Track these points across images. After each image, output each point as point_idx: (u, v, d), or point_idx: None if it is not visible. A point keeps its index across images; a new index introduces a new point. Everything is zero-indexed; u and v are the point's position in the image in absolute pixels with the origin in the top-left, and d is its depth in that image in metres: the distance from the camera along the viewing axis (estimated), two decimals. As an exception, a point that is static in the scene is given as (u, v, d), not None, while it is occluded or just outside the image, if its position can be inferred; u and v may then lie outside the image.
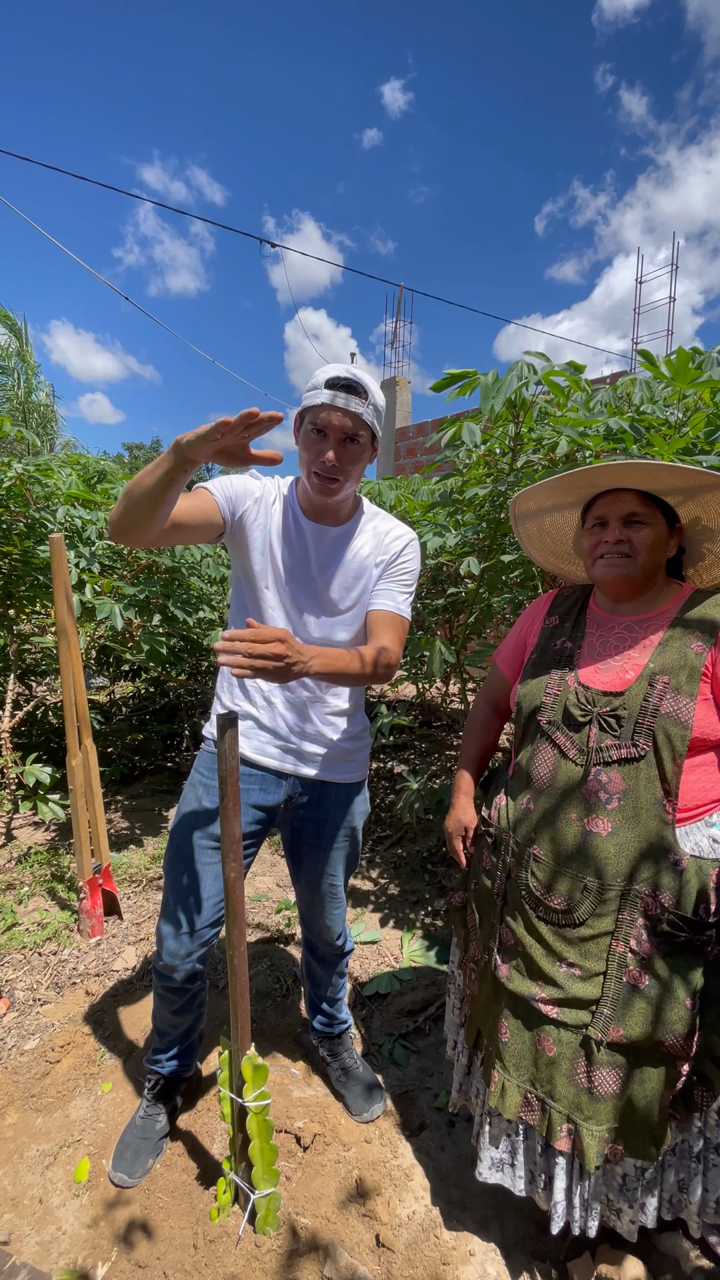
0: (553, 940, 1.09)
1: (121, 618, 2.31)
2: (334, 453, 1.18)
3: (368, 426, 1.19)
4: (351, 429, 1.18)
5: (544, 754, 1.14)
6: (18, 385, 12.79)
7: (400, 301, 14.07)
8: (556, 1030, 1.09)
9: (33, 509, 2.54)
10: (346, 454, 1.20)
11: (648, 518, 1.10)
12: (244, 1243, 1.27)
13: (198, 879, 1.33)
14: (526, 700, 1.19)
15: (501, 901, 1.19)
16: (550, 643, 1.23)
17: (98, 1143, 1.49)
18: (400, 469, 7.17)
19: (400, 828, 3.06)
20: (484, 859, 1.26)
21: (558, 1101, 1.08)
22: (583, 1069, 1.07)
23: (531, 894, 1.12)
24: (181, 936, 1.34)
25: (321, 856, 1.45)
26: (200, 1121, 1.55)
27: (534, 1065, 1.12)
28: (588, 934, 1.06)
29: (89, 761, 2.18)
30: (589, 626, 1.20)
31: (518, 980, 1.13)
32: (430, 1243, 1.30)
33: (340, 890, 1.52)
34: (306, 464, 1.22)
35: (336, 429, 1.17)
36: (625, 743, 1.05)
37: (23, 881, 2.51)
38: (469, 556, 2.12)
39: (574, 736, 1.11)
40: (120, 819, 3.14)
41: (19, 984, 1.97)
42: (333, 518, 1.31)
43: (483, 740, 1.41)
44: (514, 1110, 1.12)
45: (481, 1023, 1.25)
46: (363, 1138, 1.52)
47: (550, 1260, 1.28)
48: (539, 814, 1.13)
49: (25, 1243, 1.29)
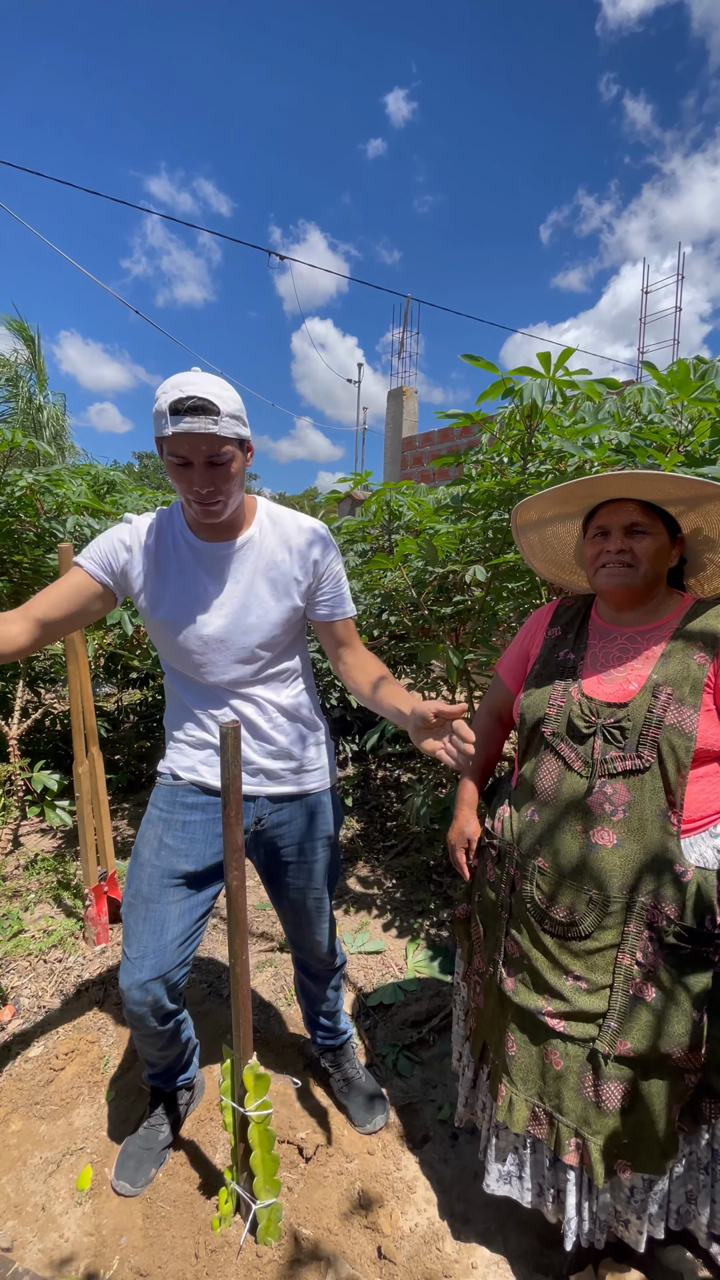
0: (558, 953, 1.09)
1: (130, 624, 2.33)
2: (200, 479, 1.10)
3: (230, 440, 1.10)
4: (213, 452, 1.08)
5: (548, 765, 1.14)
6: (31, 395, 12.97)
7: (407, 313, 14.17)
8: (563, 1044, 1.08)
9: (43, 518, 2.58)
10: (217, 475, 1.11)
11: (649, 527, 1.11)
12: (245, 1253, 1.27)
13: (162, 922, 1.25)
14: (530, 711, 1.19)
15: (506, 914, 1.18)
16: (553, 654, 1.23)
17: (101, 1150, 1.49)
18: (407, 477, 7.20)
19: (406, 837, 3.05)
20: (488, 871, 1.25)
21: (566, 1115, 1.07)
22: (590, 1082, 1.06)
23: (536, 906, 1.11)
24: (148, 985, 1.24)
25: (302, 872, 1.40)
26: (203, 1131, 1.55)
27: (541, 1079, 1.11)
28: (593, 946, 1.06)
29: (95, 768, 2.19)
30: (591, 637, 1.21)
31: (524, 993, 1.13)
32: (432, 1255, 1.29)
33: (326, 904, 1.45)
34: (182, 493, 1.15)
35: (198, 455, 1.08)
36: (630, 754, 1.05)
37: (29, 888, 2.52)
38: (475, 565, 2.13)
39: (578, 748, 1.10)
40: (127, 826, 3.15)
41: (24, 991, 1.98)
42: (228, 530, 1.23)
43: (486, 751, 1.41)
44: (522, 1125, 1.12)
45: (487, 1036, 1.25)
46: (365, 1149, 1.52)
47: (553, 1274, 1.26)
48: (543, 826, 1.13)
49: (28, 1249, 1.29)
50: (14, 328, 13.64)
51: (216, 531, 1.23)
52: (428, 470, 6.72)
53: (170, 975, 1.26)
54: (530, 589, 2.27)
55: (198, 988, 2.04)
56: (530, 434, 1.98)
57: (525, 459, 2.06)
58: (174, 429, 1.05)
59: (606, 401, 1.89)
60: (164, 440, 1.08)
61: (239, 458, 1.14)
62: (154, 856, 1.28)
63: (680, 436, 1.70)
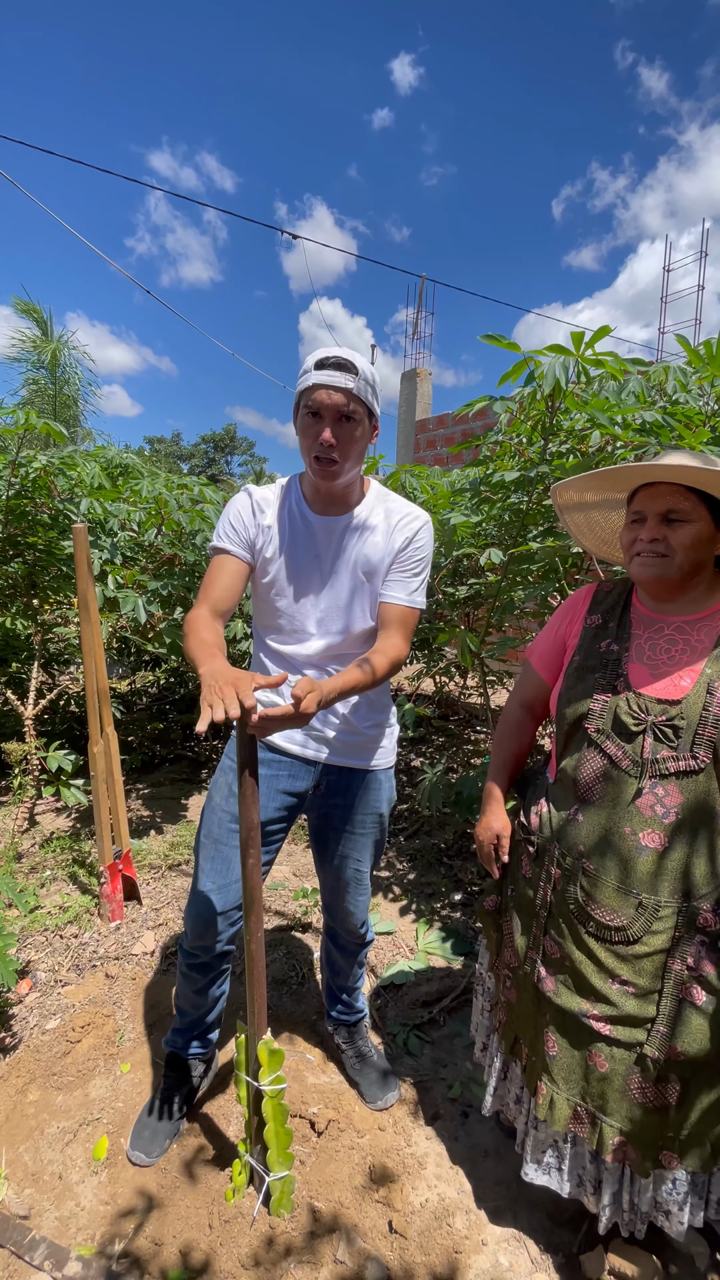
0: (604, 957, 1.05)
1: (145, 611, 2.33)
2: (329, 431, 1.17)
3: (361, 402, 1.17)
4: (344, 405, 1.16)
5: (593, 763, 1.08)
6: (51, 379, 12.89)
7: (421, 292, 13.95)
8: (609, 1047, 1.05)
9: (57, 500, 2.58)
10: (342, 432, 1.18)
11: (689, 514, 1.03)
12: (258, 1224, 1.29)
13: (228, 862, 1.35)
14: (572, 707, 1.13)
15: (546, 913, 1.15)
16: (595, 644, 1.16)
17: (116, 1121, 1.52)
18: (421, 461, 7.13)
19: (418, 820, 3.06)
20: (523, 867, 1.22)
21: (610, 1116, 1.05)
22: (637, 1084, 1.04)
23: (581, 909, 1.08)
24: (211, 918, 1.35)
25: (348, 842, 1.46)
26: (217, 1105, 1.57)
27: (584, 1080, 1.09)
28: (642, 951, 1.02)
29: (110, 748, 2.21)
30: (635, 627, 1.14)
31: (566, 995, 1.10)
32: (443, 1230, 1.31)
33: (365, 877, 1.52)
34: (306, 450, 1.22)
35: (329, 407, 1.16)
36: (684, 754, 1.00)
37: (45, 865, 2.55)
38: (491, 548, 2.10)
39: (626, 747, 1.05)
40: (141, 806, 3.18)
41: (41, 965, 2.01)
42: (340, 505, 1.30)
43: (517, 744, 1.36)
44: (563, 1123, 1.10)
45: (521, 1030, 1.23)
46: (377, 1125, 1.53)
47: (563, 1252, 1.27)
48: (588, 826, 1.08)
49: (45, 1217, 1.32)
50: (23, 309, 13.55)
51: (329, 505, 1.29)
52: (442, 454, 6.65)
53: (231, 914, 1.37)
54: (546, 574, 2.24)
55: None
56: (552, 414, 1.94)
57: (546, 439, 2.02)
58: (314, 379, 1.15)
59: (629, 381, 1.85)
60: (302, 395, 1.18)
61: (364, 425, 1.21)
62: (224, 802, 1.38)
63: (707, 416, 1.66)
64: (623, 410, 1.68)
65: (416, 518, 1.33)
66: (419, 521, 1.32)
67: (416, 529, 1.31)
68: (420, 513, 1.34)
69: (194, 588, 2.63)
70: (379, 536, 1.30)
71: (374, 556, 1.30)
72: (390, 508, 1.33)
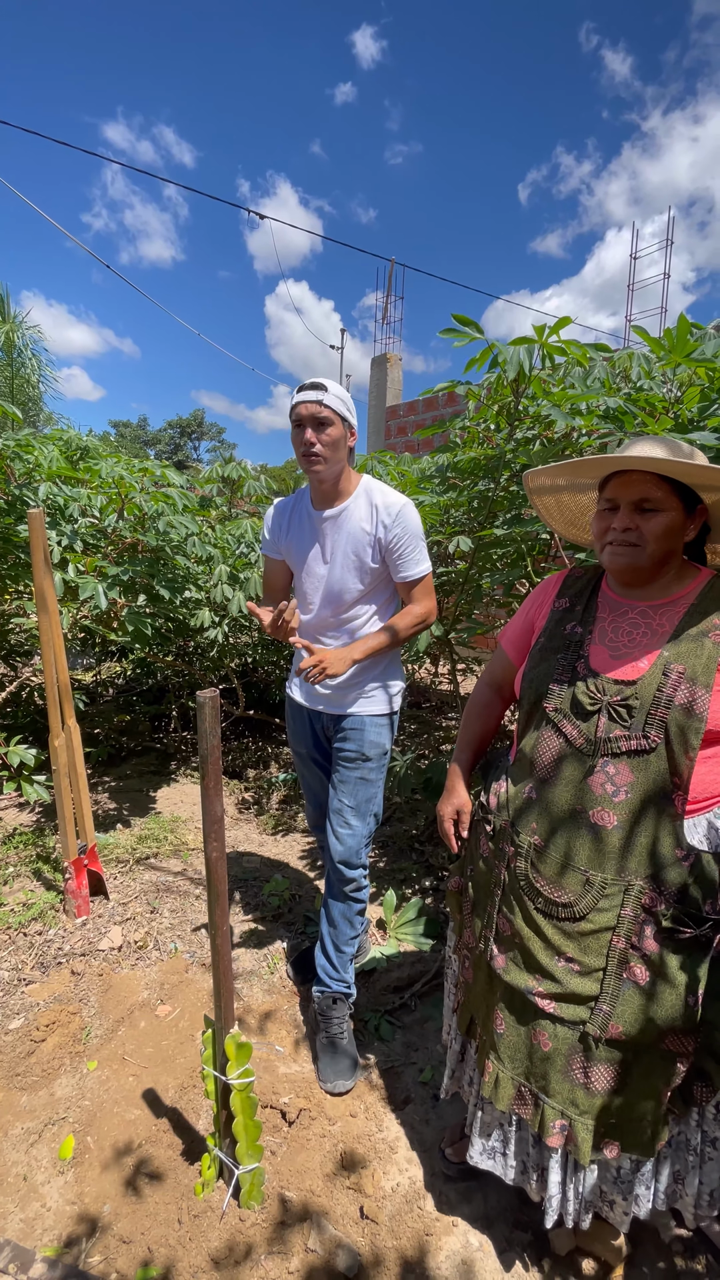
0: (552, 934, 1.06)
1: (105, 597, 2.27)
2: (310, 433, 1.49)
3: (333, 411, 1.50)
4: (319, 411, 1.48)
5: (549, 742, 1.10)
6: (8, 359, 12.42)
7: (390, 276, 13.82)
8: (553, 1025, 1.06)
9: (13, 485, 2.48)
10: (320, 434, 1.50)
11: (661, 503, 1.03)
12: (228, 1217, 1.28)
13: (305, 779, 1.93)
14: (533, 686, 1.14)
15: (499, 891, 1.15)
16: (560, 627, 1.17)
17: (83, 1120, 1.49)
18: (391, 447, 7.09)
19: (389, 806, 3.07)
20: (481, 845, 1.23)
21: (552, 1098, 1.06)
22: (579, 1065, 1.05)
23: (531, 885, 1.08)
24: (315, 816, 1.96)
25: (337, 779, 1.73)
26: (186, 1099, 1.56)
27: (529, 1059, 1.10)
28: (588, 929, 1.03)
29: (72, 741, 2.15)
30: (601, 610, 1.14)
31: (514, 972, 1.10)
32: (414, 1214, 1.32)
33: (346, 815, 1.70)
34: (298, 455, 1.53)
35: (307, 416, 1.49)
36: (636, 734, 1.01)
37: (8, 862, 2.49)
38: (460, 535, 2.09)
39: (581, 725, 1.06)
40: (108, 799, 3.12)
41: (4, 964, 1.96)
42: (334, 499, 1.60)
43: (483, 724, 1.37)
44: (507, 1103, 1.11)
45: (475, 1010, 1.24)
46: (348, 1112, 1.53)
47: (533, 1230, 1.30)
48: (541, 804, 1.09)
49: (9, 1220, 1.29)
50: None
51: (326, 500, 1.60)
52: (412, 440, 6.62)
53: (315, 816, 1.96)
54: (515, 561, 2.24)
55: (180, 958, 2.04)
56: (517, 400, 1.93)
57: (512, 425, 2.01)
58: (296, 399, 1.50)
59: (595, 367, 1.84)
60: (291, 414, 1.52)
61: (339, 428, 1.52)
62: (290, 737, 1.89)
63: (669, 403, 1.67)
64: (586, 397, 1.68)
65: (394, 503, 1.57)
66: (397, 506, 1.57)
67: (395, 514, 1.56)
68: (398, 497, 1.59)
69: (157, 573, 2.57)
70: (364, 521, 1.58)
71: (359, 537, 1.58)
72: (373, 496, 1.59)
